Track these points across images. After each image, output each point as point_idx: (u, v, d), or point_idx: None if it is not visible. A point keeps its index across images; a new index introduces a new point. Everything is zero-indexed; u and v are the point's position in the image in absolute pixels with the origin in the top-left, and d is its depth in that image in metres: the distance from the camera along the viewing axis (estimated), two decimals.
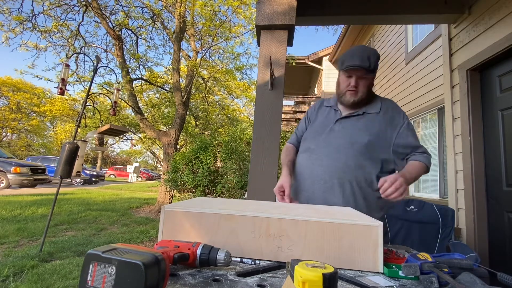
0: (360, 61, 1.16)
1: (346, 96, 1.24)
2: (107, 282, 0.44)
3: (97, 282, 0.45)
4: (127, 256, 0.46)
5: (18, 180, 9.77)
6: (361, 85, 1.21)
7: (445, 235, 1.85)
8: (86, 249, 3.24)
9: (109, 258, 0.45)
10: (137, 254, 0.47)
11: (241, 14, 7.03)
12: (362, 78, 1.21)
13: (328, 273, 0.40)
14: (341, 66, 1.22)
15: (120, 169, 29.72)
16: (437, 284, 0.58)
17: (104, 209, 6.18)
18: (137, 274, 0.43)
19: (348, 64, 1.18)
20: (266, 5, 2.18)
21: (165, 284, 0.49)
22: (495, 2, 2.26)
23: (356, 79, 1.20)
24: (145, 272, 0.43)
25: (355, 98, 1.22)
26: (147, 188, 14.43)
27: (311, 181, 1.23)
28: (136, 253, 0.47)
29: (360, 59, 1.16)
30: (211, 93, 10.86)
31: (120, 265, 0.45)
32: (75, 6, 6.70)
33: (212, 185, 4.60)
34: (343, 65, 1.21)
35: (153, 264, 0.45)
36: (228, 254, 0.60)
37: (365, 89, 1.23)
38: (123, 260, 0.45)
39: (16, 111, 24.43)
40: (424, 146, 1.26)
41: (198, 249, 0.60)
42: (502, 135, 2.27)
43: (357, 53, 1.18)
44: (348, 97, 1.23)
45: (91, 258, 0.47)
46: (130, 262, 0.44)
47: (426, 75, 4.30)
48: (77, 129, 3.50)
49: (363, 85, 1.22)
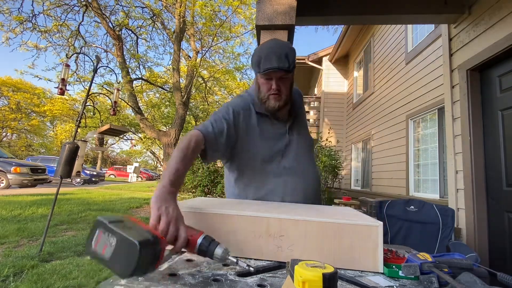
0: (277, 62, 1.02)
1: (269, 101, 1.09)
2: (107, 251, 0.49)
3: (99, 248, 0.50)
4: (128, 232, 0.49)
5: (18, 180, 9.78)
6: (283, 87, 1.09)
7: (445, 235, 1.85)
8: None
9: (112, 229, 0.49)
10: (137, 233, 0.50)
11: (241, 14, 7.04)
12: (282, 79, 1.08)
13: (328, 273, 0.40)
14: (257, 68, 1.07)
15: (120, 169, 29.70)
16: (437, 284, 0.58)
17: (104, 209, 6.18)
18: (132, 252, 0.46)
19: (265, 67, 1.03)
20: (266, 5, 2.19)
21: (158, 264, 0.52)
22: (495, 2, 2.26)
23: (276, 81, 1.07)
24: (140, 251, 0.46)
25: (279, 102, 1.09)
26: (147, 188, 14.42)
27: (276, 201, 1.10)
28: (137, 231, 0.50)
29: (278, 60, 1.02)
30: (211, 93, 10.87)
31: (119, 239, 0.48)
32: (75, 6, 6.71)
33: (212, 185, 4.61)
34: (260, 68, 1.05)
35: (149, 244, 0.49)
36: (226, 251, 0.60)
37: (287, 91, 1.11)
38: (123, 235, 0.48)
39: (16, 111, 24.44)
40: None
41: (200, 238, 0.61)
42: (502, 135, 2.27)
43: (273, 53, 1.04)
44: (273, 102, 1.09)
45: (99, 224, 0.51)
46: (128, 239, 0.47)
47: (426, 75, 4.31)
48: (77, 129, 3.50)
49: (285, 87, 1.09)
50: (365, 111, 6.92)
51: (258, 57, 1.06)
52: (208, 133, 0.98)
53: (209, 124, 1.02)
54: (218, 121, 1.04)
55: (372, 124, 6.37)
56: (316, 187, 1.21)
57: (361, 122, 7.21)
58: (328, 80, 9.06)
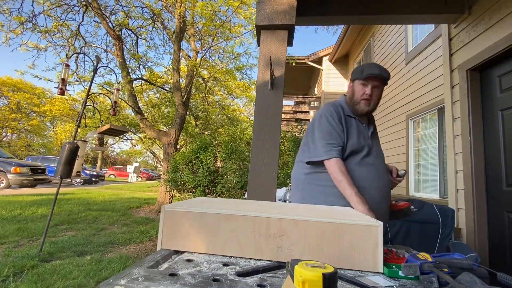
0: (379, 70, 1.27)
1: (360, 105, 1.32)
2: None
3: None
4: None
5: (18, 180, 9.77)
6: (374, 95, 1.31)
7: (445, 235, 1.85)
8: (86, 249, 3.25)
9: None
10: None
11: (241, 14, 7.03)
12: (376, 87, 1.30)
13: (328, 273, 0.40)
14: (359, 75, 1.30)
15: (120, 169, 29.70)
16: (437, 284, 0.58)
17: (104, 209, 6.18)
18: None
19: (368, 72, 1.27)
20: (266, 5, 2.18)
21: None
22: (495, 2, 2.26)
23: (371, 87, 1.29)
24: None
25: (368, 107, 1.32)
26: (147, 188, 14.43)
27: (378, 196, 1.28)
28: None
29: (379, 69, 1.27)
30: (211, 93, 10.86)
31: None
32: (75, 6, 6.70)
33: (212, 185, 4.60)
34: (363, 74, 1.29)
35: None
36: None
37: (377, 99, 1.33)
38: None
39: (16, 111, 24.43)
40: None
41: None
42: (502, 135, 2.27)
43: (376, 65, 1.30)
44: (363, 106, 1.32)
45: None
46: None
47: (426, 75, 4.30)
48: (77, 129, 3.50)
49: (376, 95, 1.32)
50: None
51: (362, 67, 1.30)
52: (339, 155, 1.27)
53: (332, 148, 1.28)
54: (336, 137, 1.28)
55: None
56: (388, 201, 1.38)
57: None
58: (328, 80, 9.06)
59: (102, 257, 3.03)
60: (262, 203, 1.01)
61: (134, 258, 3.13)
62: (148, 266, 0.60)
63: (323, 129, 1.30)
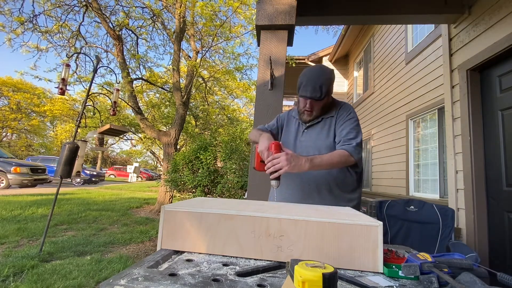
0: (310, 92, 1.27)
1: (303, 115, 1.40)
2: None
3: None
4: None
5: (18, 180, 9.78)
6: (315, 109, 1.36)
7: (445, 235, 1.85)
8: (86, 249, 3.25)
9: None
10: None
11: (241, 14, 7.03)
12: (315, 101, 1.32)
13: (328, 273, 0.40)
14: (298, 91, 1.34)
15: (120, 169, 29.71)
16: (437, 284, 0.58)
17: (104, 209, 6.18)
18: None
19: (301, 94, 1.32)
20: (266, 5, 2.19)
21: None
22: (495, 2, 2.26)
23: (310, 103, 1.33)
24: None
25: (310, 118, 1.40)
26: (147, 188, 14.43)
27: (289, 189, 1.36)
28: None
29: (312, 90, 1.27)
30: (211, 93, 10.86)
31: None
32: (75, 7, 6.70)
33: (212, 185, 4.60)
34: (299, 92, 1.33)
35: None
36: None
37: (319, 111, 1.37)
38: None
39: (16, 111, 24.43)
40: (357, 138, 1.31)
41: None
42: (502, 135, 2.27)
43: (310, 82, 1.28)
44: (305, 116, 1.40)
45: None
46: None
47: (426, 75, 4.30)
48: (77, 129, 3.50)
49: (317, 109, 1.36)
50: (365, 111, 6.92)
51: (300, 82, 1.32)
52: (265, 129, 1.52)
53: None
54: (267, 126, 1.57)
55: (372, 124, 6.37)
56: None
57: (361, 122, 7.18)
58: None
59: (102, 257, 3.03)
60: (262, 203, 1.01)
61: (134, 258, 3.13)
62: (148, 266, 0.60)
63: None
